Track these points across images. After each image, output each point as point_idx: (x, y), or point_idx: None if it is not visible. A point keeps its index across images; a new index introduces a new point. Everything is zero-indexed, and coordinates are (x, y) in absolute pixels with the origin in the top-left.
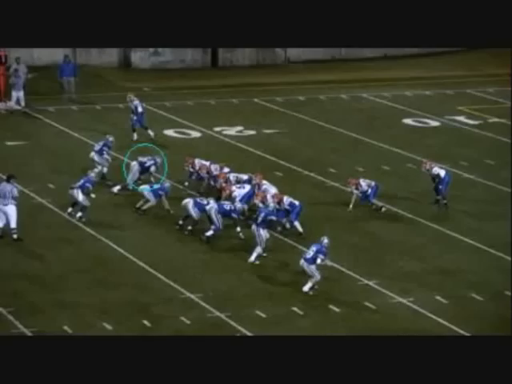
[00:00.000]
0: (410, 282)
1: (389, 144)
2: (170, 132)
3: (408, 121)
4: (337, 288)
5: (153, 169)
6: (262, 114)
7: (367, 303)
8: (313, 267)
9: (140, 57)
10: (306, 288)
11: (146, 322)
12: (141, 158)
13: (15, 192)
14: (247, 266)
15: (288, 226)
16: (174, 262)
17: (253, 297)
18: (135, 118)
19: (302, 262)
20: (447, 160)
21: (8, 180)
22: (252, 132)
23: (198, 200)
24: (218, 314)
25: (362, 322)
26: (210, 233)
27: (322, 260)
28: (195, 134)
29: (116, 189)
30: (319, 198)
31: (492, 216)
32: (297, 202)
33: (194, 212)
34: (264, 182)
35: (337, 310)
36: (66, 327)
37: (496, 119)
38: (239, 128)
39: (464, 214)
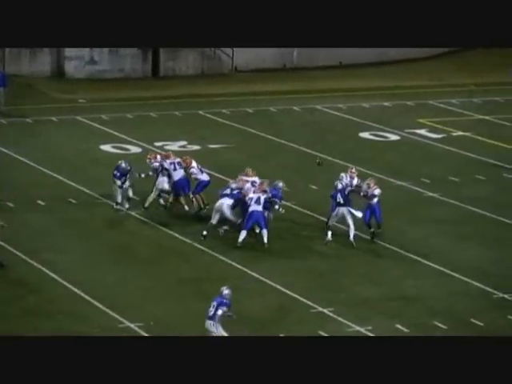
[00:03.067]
0: (368, 309)
1: (344, 159)
2: (107, 147)
3: (365, 134)
4: (289, 316)
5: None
6: (208, 128)
7: (321, 332)
8: (217, 325)
9: (74, 66)
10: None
11: None
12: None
13: None
14: (190, 292)
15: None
16: (111, 287)
17: (198, 325)
18: None
19: (206, 322)
20: (408, 177)
21: None
22: (196, 147)
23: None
24: None
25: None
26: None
27: (225, 312)
28: (135, 150)
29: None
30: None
31: (456, 237)
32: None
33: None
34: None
35: None
36: None
37: (460, 133)
38: (182, 143)
39: (426, 236)
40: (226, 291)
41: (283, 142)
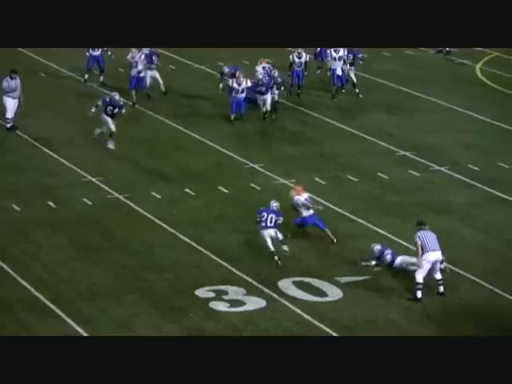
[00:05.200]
0: (292, 165)
1: None
2: None
3: None
4: (225, 171)
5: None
6: None
7: (253, 184)
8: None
9: None
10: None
11: (51, 204)
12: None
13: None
14: (143, 153)
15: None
16: (76, 147)
17: (148, 179)
18: None
19: (269, 231)
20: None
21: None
22: None
23: None
24: (117, 195)
25: (249, 202)
26: None
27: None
28: None
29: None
30: (206, 85)
31: (366, 103)
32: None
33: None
34: None
35: (225, 190)
36: None
37: None
38: None
39: (340, 103)
40: (275, 204)
41: None
